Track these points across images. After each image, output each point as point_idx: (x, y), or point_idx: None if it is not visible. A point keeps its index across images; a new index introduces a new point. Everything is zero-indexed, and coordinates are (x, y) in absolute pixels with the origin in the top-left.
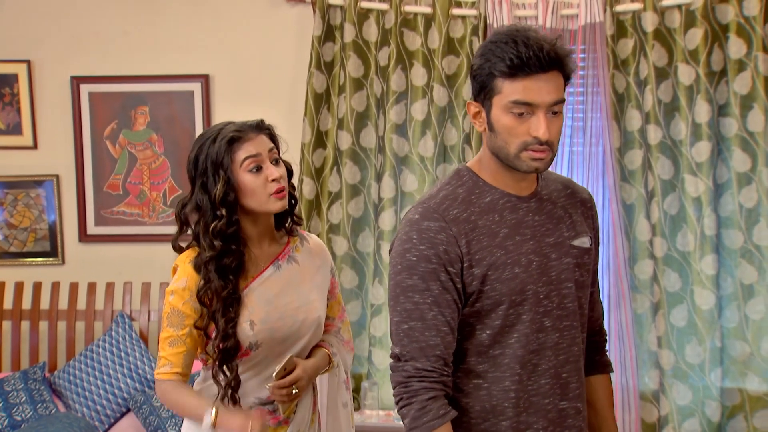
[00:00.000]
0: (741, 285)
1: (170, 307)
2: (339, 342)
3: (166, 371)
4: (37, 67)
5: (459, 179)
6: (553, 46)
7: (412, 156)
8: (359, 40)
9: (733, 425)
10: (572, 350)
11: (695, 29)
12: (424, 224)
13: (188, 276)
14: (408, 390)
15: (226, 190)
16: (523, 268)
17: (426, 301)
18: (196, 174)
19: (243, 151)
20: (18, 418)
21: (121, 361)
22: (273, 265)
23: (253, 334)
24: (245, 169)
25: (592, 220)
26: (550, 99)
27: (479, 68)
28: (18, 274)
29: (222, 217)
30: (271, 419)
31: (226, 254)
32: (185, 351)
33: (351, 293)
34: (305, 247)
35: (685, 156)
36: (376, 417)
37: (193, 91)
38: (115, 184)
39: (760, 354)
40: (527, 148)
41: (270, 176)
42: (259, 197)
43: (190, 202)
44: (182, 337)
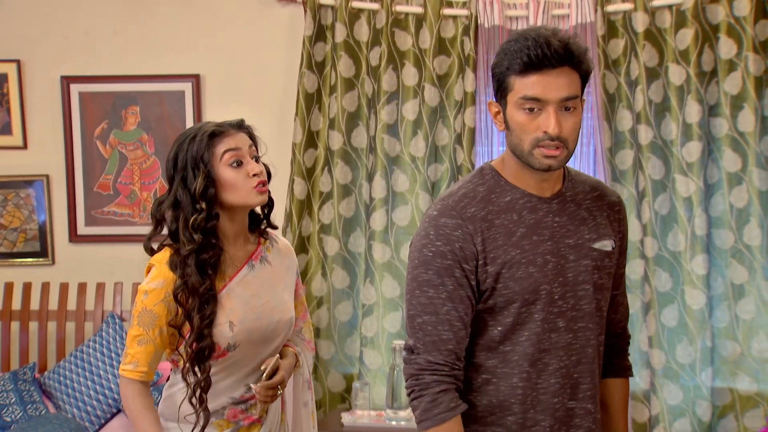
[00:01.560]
0: (731, 285)
1: (142, 306)
2: (301, 341)
3: (132, 369)
4: (27, 67)
5: (481, 177)
6: (566, 42)
7: (404, 156)
8: (350, 40)
9: (723, 425)
10: (586, 351)
11: (686, 29)
12: (441, 221)
13: (165, 277)
14: (420, 382)
15: (206, 184)
16: (538, 268)
17: (440, 296)
18: (174, 172)
19: (223, 145)
20: (8, 419)
21: (111, 361)
22: (247, 265)
23: (232, 335)
24: (225, 163)
25: (619, 223)
26: (560, 95)
27: (496, 67)
28: (8, 275)
29: (202, 211)
30: (244, 419)
31: (205, 249)
32: (153, 351)
33: (342, 293)
34: (275, 247)
35: (675, 156)
36: (367, 417)
37: (184, 90)
38: (105, 185)
39: (750, 354)
40: (539, 144)
41: (251, 171)
42: (240, 191)
43: (167, 200)
44: (152, 336)
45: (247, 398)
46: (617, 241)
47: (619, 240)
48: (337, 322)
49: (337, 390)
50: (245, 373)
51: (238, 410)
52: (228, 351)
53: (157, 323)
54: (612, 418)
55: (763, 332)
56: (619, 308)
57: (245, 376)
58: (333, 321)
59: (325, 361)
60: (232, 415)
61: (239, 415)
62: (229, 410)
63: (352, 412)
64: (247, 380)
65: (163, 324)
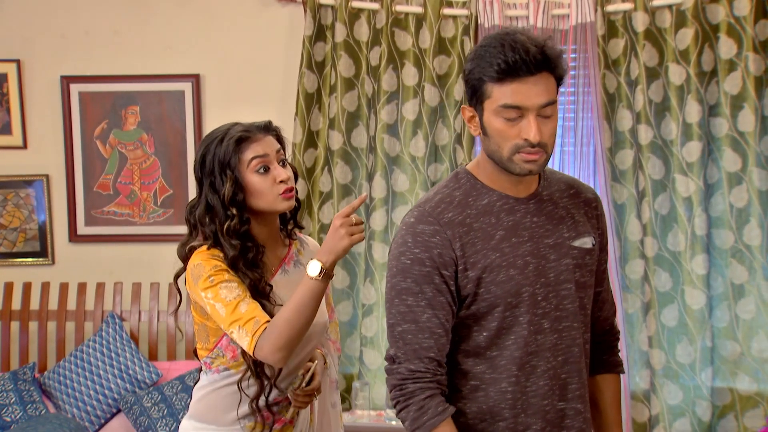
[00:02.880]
0: (731, 285)
1: (218, 288)
2: (327, 342)
3: (257, 324)
4: (27, 67)
5: (456, 182)
6: (542, 47)
7: (404, 156)
8: (350, 40)
9: (723, 425)
10: (572, 351)
11: (686, 29)
12: (418, 227)
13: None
14: (404, 392)
15: (234, 190)
16: (518, 270)
17: (420, 303)
18: (203, 174)
19: (250, 152)
20: (7, 418)
21: (111, 361)
22: (281, 269)
23: None
24: (252, 170)
25: (597, 219)
26: (540, 101)
27: (470, 73)
28: (8, 275)
29: (234, 217)
30: (276, 422)
31: (248, 251)
32: (257, 304)
33: (342, 293)
34: (306, 249)
35: (675, 156)
36: (367, 417)
37: (184, 90)
38: (105, 184)
39: (750, 353)
40: (519, 150)
41: (278, 177)
42: (266, 197)
43: (199, 204)
44: (246, 297)
45: (280, 401)
46: (596, 238)
47: (598, 236)
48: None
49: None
50: (280, 377)
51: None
52: None
53: (240, 286)
54: (605, 415)
55: (763, 332)
56: (604, 305)
57: (281, 378)
58: None
59: None
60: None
61: (272, 418)
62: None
63: (352, 412)
64: (280, 384)
65: (244, 286)
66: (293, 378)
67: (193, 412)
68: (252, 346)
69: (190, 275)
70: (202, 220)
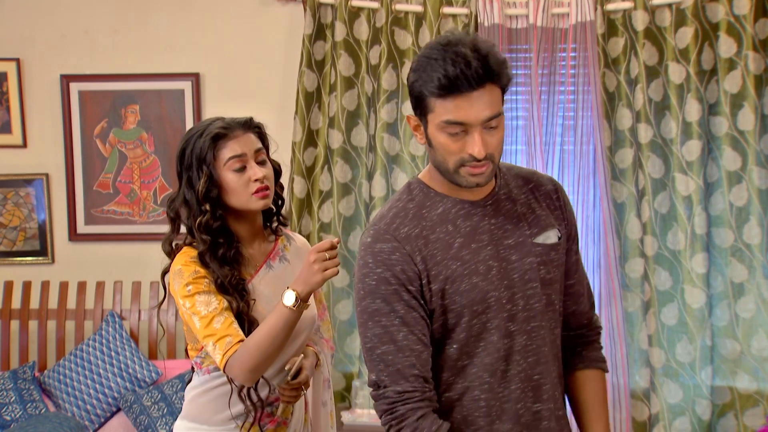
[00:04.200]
0: (731, 283)
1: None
2: (320, 340)
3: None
4: (26, 66)
5: (409, 193)
6: (484, 59)
7: (403, 155)
8: (350, 39)
9: (723, 423)
10: (542, 351)
11: (685, 28)
12: (377, 247)
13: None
14: (395, 416)
15: (208, 186)
16: (481, 277)
17: (393, 323)
18: (182, 168)
19: (228, 150)
20: (7, 417)
21: (111, 360)
22: (266, 264)
23: None
24: (229, 168)
25: (561, 210)
26: (484, 116)
27: (412, 84)
28: (7, 274)
29: (206, 212)
30: (270, 421)
31: (218, 246)
32: (232, 320)
33: (342, 292)
34: (293, 245)
35: (675, 155)
36: (367, 416)
37: (184, 89)
38: (105, 183)
39: (750, 352)
40: (464, 164)
41: (253, 176)
42: (240, 196)
43: (177, 198)
44: (221, 310)
45: (272, 400)
46: (563, 230)
47: (564, 228)
48: (337, 321)
49: (337, 389)
50: (271, 374)
51: (264, 413)
52: None
53: (216, 297)
54: (587, 412)
55: (762, 331)
56: (580, 298)
57: (271, 376)
58: (333, 320)
59: None
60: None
61: (265, 419)
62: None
63: (352, 411)
64: (272, 381)
65: (221, 298)
66: (285, 375)
67: (185, 413)
68: (222, 364)
69: (171, 279)
70: (179, 213)
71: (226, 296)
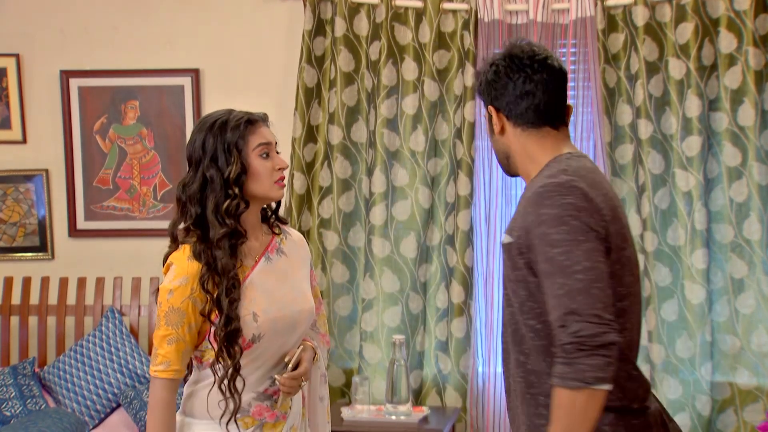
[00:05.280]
0: (731, 279)
1: (168, 305)
2: (316, 335)
3: (164, 369)
4: (26, 61)
5: None
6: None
7: (403, 151)
8: (350, 35)
9: (723, 419)
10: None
11: (686, 23)
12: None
13: (188, 273)
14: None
15: (240, 171)
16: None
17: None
18: (203, 154)
19: (258, 136)
20: (7, 413)
21: (111, 356)
22: (264, 257)
23: (257, 326)
24: (257, 154)
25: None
26: None
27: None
28: (7, 269)
29: (236, 197)
30: (269, 416)
31: (236, 234)
32: (184, 348)
33: (342, 288)
34: (289, 239)
35: (675, 150)
36: (367, 412)
37: (183, 85)
38: (105, 179)
39: (750, 348)
40: None
41: (278, 165)
42: (264, 182)
43: (194, 182)
44: (182, 334)
45: (272, 393)
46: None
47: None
48: (337, 317)
49: (337, 384)
50: (270, 366)
51: (263, 407)
52: (253, 342)
53: (186, 320)
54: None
55: (762, 326)
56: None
57: (270, 368)
58: (333, 315)
59: None
60: (257, 413)
61: (264, 413)
62: (254, 407)
63: (352, 407)
64: (272, 373)
65: (191, 320)
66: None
67: (183, 408)
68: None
69: (165, 270)
70: (192, 198)
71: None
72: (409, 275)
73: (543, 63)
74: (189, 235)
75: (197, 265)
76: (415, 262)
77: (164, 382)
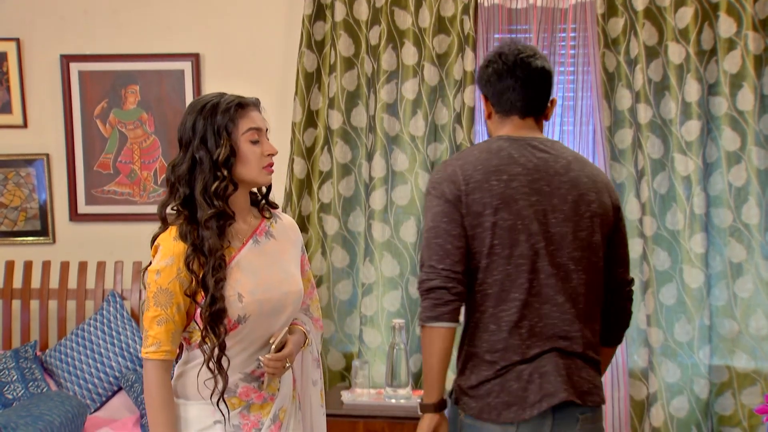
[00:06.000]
0: (730, 263)
1: (157, 286)
2: (309, 320)
3: (155, 350)
4: (26, 46)
5: None
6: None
7: (403, 135)
8: (350, 19)
9: (721, 402)
10: None
11: (685, 8)
12: None
13: (174, 254)
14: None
15: (229, 153)
16: None
17: None
18: (193, 135)
19: (248, 120)
20: (9, 396)
21: (112, 339)
22: (252, 239)
23: (242, 307)
24: (246, 139)
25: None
26: None
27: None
28: (9, 253)
29: (224, 179)
30: (255, 397)
31: (223, 216)
32: (174, 329)
33: (342, 272)
34: (279, 223)
35: (674, 135)
36: (367, 395)
37: (184, 70)
38: (105, 164)
39: (748, 332)
40: None
41: (267, 151)
42: (252, 167)
43: (183, 163)
44: (171, 315)
45: (259, 374)
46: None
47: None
48: (337, 301)
49: (337, 368)
50: (257, 348)
51: (250, 388)
52: (239, 323)
53: (174, 301)
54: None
55: (761, 310)
56: None
57: (257, 350)
58: (333, 300)
59: (325, 340)
60: (244, 393)
61: (251, 394)
62: (241, 387)
63: (352, 390)
64: (258, 355)
65: (180, 301)
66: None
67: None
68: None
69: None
70: (181, 179)
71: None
72: (409, 260)
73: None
74: (178, 217)
75: (183, 246)
76: (415, 247)
77: (156, 363)
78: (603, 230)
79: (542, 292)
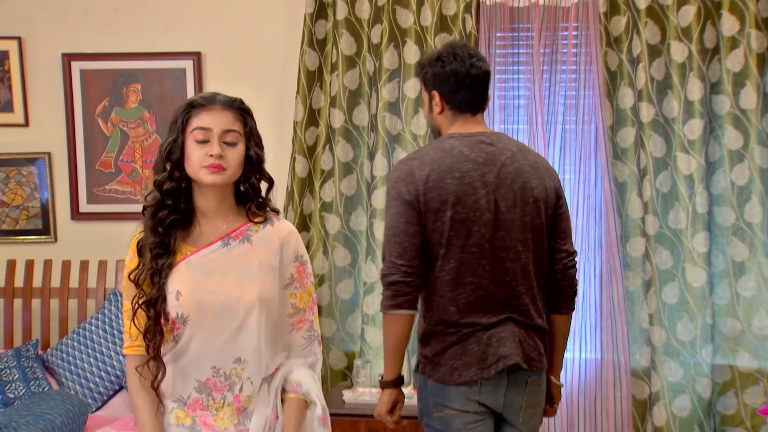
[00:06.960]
0: (732, 262)
1: (126, 281)
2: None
3: (128, 345)
4: (28, 44)
5: None
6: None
7: (405, 134)
8: (352, 18)
9: (723, 402)
10: None
11: (688, 6)
12: None
13: (133, 249)
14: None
15: (171, 147)
16: None
17: None
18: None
19: (197, 120)
20: (11, 395)
21: (113, 338)
22: (221, 241)
23: (178, 305)
24: (192, 138)
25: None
26: None
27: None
28: (10, 252)
29: (165, 171)
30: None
31: (162, 208)
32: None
33: (344, 271)
34: (267, 229)
35: (677, 134)
36: (368, 394)
37: (185, 68)
38: (107, 162)
39: (750, 331)
40: None
41: (209, 152)
42: (193, 166)
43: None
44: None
45: (212, 386)
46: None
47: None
48: (339, 300)
49: (339, 367)
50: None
51: (199, 402)
52: (182, 324)
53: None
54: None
55: (763, 309)
56: None
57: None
58: (334, 299)
59: (327, 339)
60: (191, 408)
61: (198, 411)
62: (192, 398)
63: (354, 389)
64: (212, 362)
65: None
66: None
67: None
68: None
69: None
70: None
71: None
72: None
73: (477, 66)
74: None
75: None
76: None
77: (130, 358)
78: (547, 212)
79: (495, 275)
